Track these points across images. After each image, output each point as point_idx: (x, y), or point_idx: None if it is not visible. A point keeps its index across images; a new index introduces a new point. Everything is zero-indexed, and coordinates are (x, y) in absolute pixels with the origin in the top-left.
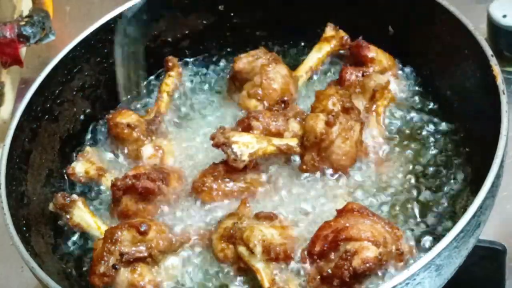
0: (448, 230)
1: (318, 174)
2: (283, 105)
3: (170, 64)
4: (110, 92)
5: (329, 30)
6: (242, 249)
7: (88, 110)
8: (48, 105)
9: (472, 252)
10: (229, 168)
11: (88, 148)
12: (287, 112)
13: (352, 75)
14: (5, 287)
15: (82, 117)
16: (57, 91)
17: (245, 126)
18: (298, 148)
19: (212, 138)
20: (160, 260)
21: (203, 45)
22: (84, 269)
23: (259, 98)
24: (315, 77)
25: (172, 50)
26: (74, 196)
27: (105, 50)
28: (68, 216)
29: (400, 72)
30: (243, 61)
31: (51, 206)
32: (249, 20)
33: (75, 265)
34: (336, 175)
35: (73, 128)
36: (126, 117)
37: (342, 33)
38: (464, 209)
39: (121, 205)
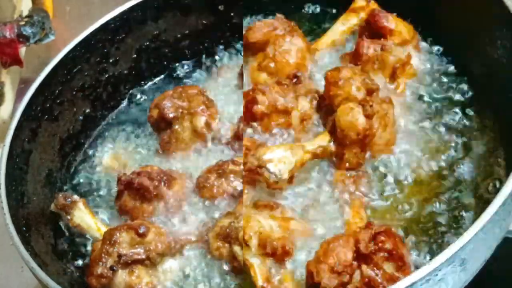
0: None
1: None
2: (295, 80)
3: None
4: (110, 92)
5: (360, 0)
6: (236, 249)
7: (88, 110)
8: (48, 105)
9: (502, 244)
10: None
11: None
12: (299, 89)
13: (370, 49)
14: (5, 287)
15: (82, 117)
16: (57, 91)
17: (249, 99)
18: (333, 147)
19: (244, 164)
20: (158, 263)
21: (203, 45)
22: (84, 269)
23: (270, 71)
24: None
25: (172, 50)
26: (75, 197)
27: (105, 50)
28: (68, 217)
29: (421, 44)
30: (257, 31)
31: (52, 207)
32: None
33: (75, 265)
34: None
35: (73, 128)
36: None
37: (373, 4)
38: (493, 195)
39: (121, 199)
